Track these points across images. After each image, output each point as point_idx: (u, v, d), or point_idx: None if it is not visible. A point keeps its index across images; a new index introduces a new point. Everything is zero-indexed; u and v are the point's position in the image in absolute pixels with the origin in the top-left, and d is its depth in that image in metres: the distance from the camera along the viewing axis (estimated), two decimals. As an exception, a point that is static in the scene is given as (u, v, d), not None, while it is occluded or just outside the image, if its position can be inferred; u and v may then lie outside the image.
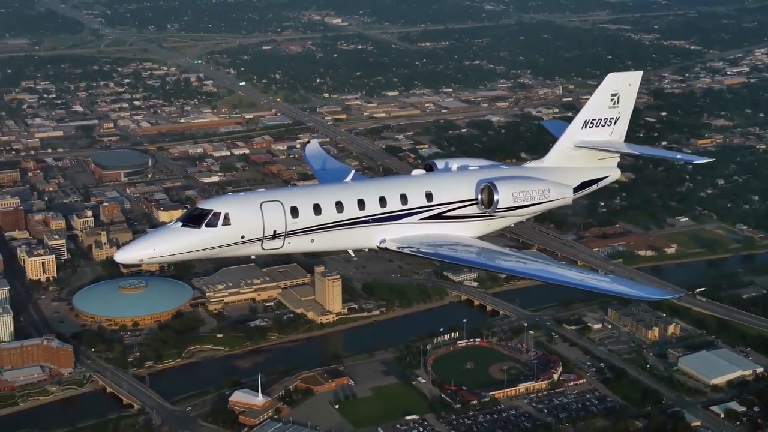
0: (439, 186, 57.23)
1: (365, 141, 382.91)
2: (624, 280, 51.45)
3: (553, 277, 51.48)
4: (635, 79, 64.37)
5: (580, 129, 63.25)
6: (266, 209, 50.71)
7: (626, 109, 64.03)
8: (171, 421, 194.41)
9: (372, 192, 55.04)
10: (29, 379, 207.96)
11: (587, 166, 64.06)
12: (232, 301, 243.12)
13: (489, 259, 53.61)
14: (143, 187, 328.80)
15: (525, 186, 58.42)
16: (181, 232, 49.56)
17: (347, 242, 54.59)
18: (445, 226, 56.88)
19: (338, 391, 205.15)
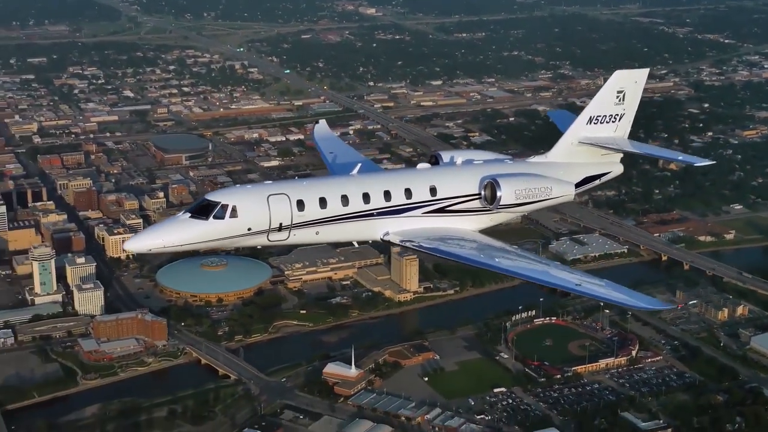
0: (444, 181, 57.40)
1: (416, 128, 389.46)
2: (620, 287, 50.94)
3: (550, 280, 51.40)
4: (641, 76, 64.39)
5: (585, 125, 63.09)
6: (273, 202, 51.12)
7: (631, 106, 64.07)
8: (268, 391, 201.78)
9: (377, 186, 55.37)
10: (126, 350, 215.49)
11: (590, 162, 64.04)
12: (310, 279, 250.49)
13: (488, 258, 53.44)
14: (205, 171, 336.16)
15: (528, 183, 58.68)
16: (190, 223, 49.96)
17: (351, 235, 55.27)
18: (449, 220, 57.18)
19: (425, 365, 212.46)
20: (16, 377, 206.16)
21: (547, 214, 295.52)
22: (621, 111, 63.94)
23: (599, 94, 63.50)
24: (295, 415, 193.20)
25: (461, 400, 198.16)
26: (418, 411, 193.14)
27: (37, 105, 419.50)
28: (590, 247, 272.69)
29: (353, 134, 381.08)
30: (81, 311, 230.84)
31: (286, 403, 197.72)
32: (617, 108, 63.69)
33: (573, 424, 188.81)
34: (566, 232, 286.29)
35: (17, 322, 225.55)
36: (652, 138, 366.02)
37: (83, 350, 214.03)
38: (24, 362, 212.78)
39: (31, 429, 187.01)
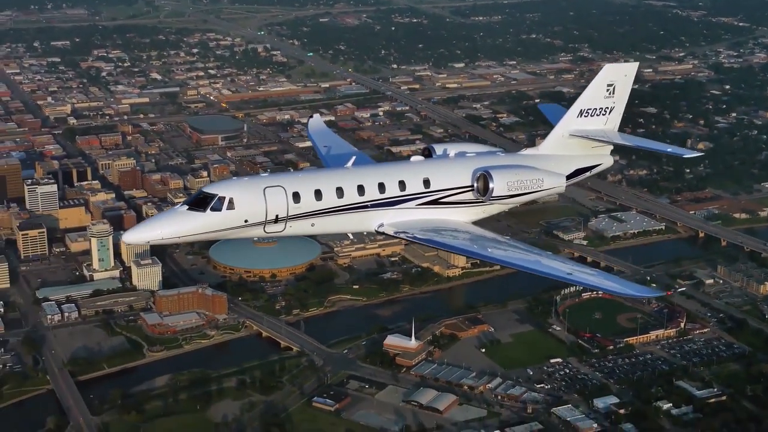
0: (437, 173, 57.91)
1: (444, 110, 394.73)
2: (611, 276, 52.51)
3: (542, 269, 52.00)
4: (631, 70, 64.33)
5: (576, 118, 63.27)
6: (269, 194, 51.61)
7: (621, 99, 64.20)
8: (331, 363, 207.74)
9: (371, 178, 55.81)
10: (188, 324, 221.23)
11: (581, 154, 64.27)
12: (359, 255, 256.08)
13: (481, 248, 53.95)
14: (242, 151, 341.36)
15: (520, 175, 59.04)
16: (187, 215, 50.44)
17: (346, 226, 55.65)
18: (442, 212, 57.75)
19: (480, 337, 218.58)
20: (84, 350, 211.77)
21: (583, 192, 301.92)
22: (611, 104, 63.82)
23: (590, 88, 63.38)
24: (361, 384, 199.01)
25: (519, 371, 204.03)
26: (479, 380, 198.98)
27: (66, 87, 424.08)
28: (629, 224, 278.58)
29: (383, 115, 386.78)
30: (139, 287, 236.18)
31: (350, 373, 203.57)
32: (607, 101, 63.54)
33: (631, 392, 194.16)
34: (603, 210, 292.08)
35: (79, 297, 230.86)
36: (677, 119, 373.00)
37: (147, 324, 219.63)
38: (90, 335, 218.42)
39: (106, 398, 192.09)
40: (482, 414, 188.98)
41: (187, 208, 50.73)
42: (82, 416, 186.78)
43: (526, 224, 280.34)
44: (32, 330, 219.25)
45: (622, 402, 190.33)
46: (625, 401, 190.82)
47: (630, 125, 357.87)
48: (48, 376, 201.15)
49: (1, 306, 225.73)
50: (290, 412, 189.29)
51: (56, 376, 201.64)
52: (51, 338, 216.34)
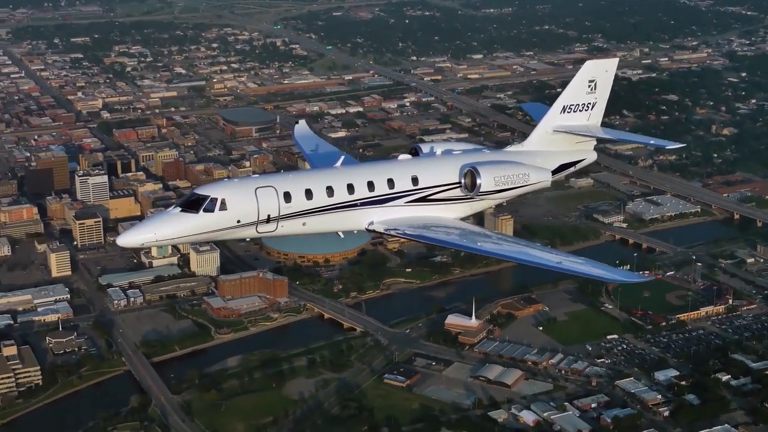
0: (425, 170, 58.61)
1: (470, 100, 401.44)
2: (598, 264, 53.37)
3: (532, 260, 52.99)
4: (612, 66, 65.79)
5: (559, 114, 64.28)
6: (261, 194, 52.29)
7: (603, 94, 65.11)
8: (396, 341, 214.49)
9: (361, 177, 56.47)
10: (251, 307, 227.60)
11: (565, 150, 65.21)
12: (408, 241, 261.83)
13: (471, 242, 55.04)
14: (276, 142, 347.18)
15: (506, 170, 59.86)
16: (180, 217, 50.97)
17: (337, 225, 56.17)
18: (430, 209, 58.43)
19: (536, 315, 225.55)
20: (154, 333, 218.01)
21: (617, 177, 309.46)
22: (593, 100, 64.67)
23: (571, 84, 64.28)
24: (427, 362, 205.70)
25: (578, 347, 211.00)
26: (541, 356, 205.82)
27: (94, 83, 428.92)
28: (665, 207, 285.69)
29: (410, 106, 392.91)
30: (198, 272, 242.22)
31: (415, 351, 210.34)
32: (589, 97, 64.43)
33: (690, 365, 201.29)
34: (638, 194, 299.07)
35: (141, 283, 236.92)
36: (699, 106, 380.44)
37: (212, 307, 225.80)
38: (157, 319, 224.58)
39: (184, 378, 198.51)
40: (549, 388, 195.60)
41: (180, 210, 51.17)
42: (162, 395, 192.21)
43: (564, 209, 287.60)
44: (100, 315, 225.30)
45: (681, 375, 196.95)
46: (685, 374, 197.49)
47: (654, 112, 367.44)
48: (123, 358, 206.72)
49: (67, 292, 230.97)
50: (363, 389, 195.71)
51: (131, 357, 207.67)
52: (119, 322, 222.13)
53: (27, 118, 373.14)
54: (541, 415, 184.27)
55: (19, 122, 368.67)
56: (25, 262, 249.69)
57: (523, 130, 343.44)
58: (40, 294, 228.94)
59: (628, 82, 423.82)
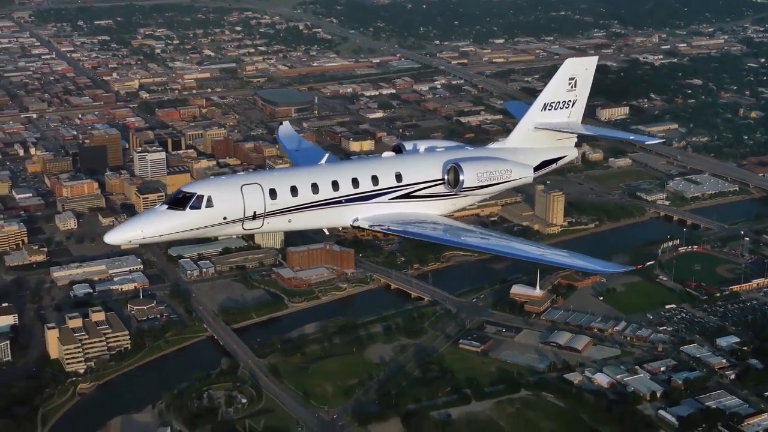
0: (408, 167, 59.07)
1: (499, 83, 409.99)
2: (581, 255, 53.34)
3: (515, 252, 53.80)
4: (591, 63, 66.36)
5: (540, 111, 64.73)
6: (246, 192, 52.60)
7: (583, 91, 65.60)
8: (464, 310, 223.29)
9: (345, 174, 56.76)
10: (320, 277, 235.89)
11: (547, 147, 65.64)
12: (460, 216, 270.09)
13: (454, 236, 55.77)
14: (316, 122, 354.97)
15: (489, 167, 60.16)
16: (167, 214, 51.18)
17: (322, 221, 56.46)
18: (414, 205, 58.80)
19: (595, 286, 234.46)
20: (230, 301, 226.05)
21: (654, 158, 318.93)
22: (573, 97, 65.18)
23: (552, 82, 64.75)
24: (498, 328, 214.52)
25: (639, 315, 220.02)
26: (606, 324, 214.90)
27: (126, 64, 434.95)
28: (704, 186, 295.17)
29: (441, 88, 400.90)
30: (263, 245, 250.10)
31: (484, 319, 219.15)
32: (570, 94, 64.96)
33: (749, 332, 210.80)
34: (677, 173, 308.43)
35: (210, 255, 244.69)
36: (723, 90, 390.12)
37: (283, 278, 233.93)
38: (230, 289, 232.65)
39: (267, 343, 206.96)
40: (617, 353, 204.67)
41: (167, 208, 51.41)
42: (249, 359, 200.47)
43: (606, 187, 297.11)
44: (174, 284, 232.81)
45: (743, 341, 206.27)
46: (745, 340, 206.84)
47: (680, 96, 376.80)
48: (205, 325, 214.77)
49: (140, 263, 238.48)
50: (441, 353, 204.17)
51: (211, 324, 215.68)
52: (194, 291, 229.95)
53: (67, 98, 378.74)
54: (614, 377, 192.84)
55: (60, 102, 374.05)
56: (91, 235, 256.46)
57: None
58: (114, 265, 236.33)
59: (651, 67, 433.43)
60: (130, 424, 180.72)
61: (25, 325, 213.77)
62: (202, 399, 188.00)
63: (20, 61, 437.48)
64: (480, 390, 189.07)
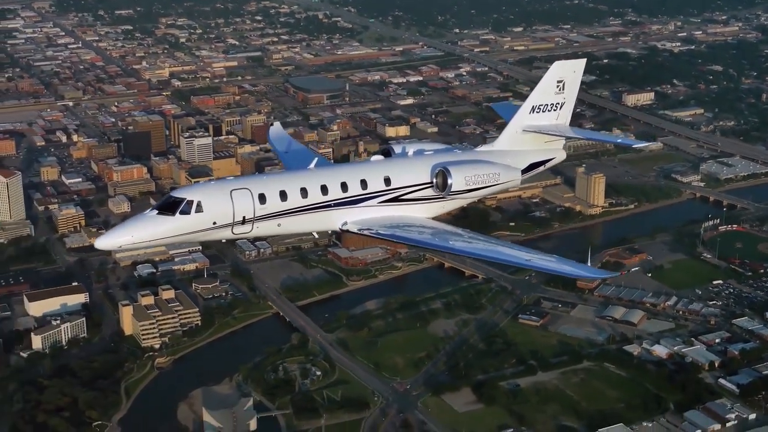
0: (397, 171, 58.96)
1: (523, 70, 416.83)
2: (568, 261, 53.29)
3: (503, 258, 54.20)
4: (579, 66, 65.43)
5: (528, 114, 64.61)
6: (236, 197, 52.56)
7: (571, 94, 65.29)
8: (518, 286, 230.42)
9: (334, 178, 56.59)
10: (375, 257, 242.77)
11: (535, 149, 65.51)
12: (503, 197, 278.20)
13: (442, 240, 55.62)
14: (348, 108, 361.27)
15: (477, 170, 60.12)
16: (157, 219, 51.26)
17: (311, 225, 56.41)
18: (403, 208, 58.63)
19: (641, 264, 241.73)
20: (290, 280, 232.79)
21: (684, 141, 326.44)
22: (561, 100, 65.00)
23: (540, 85, 64.52)
24: (553, 304, 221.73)
25: (688, 291, 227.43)
26: (658, 299, 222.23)
27: (153, 53, 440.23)
28: (737, 168, 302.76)
29: (467, 75, 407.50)
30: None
31: (540, 295, 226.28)
32: (558, 97, 64.75)
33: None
34: (708, 156, 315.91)
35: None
36: (744, 76, 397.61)
37: (340, 257, 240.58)
38: (290, 268, 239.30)
39: (332, 319, 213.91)
40: (671, 326, 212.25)
41: (157, 213, 51.59)
42: (318, 334, 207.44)
43: (641, 170, 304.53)
44: (233, 264, 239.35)
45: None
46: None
47: (702, 82, 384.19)
48: (269, 302, 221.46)
49: (198, 244, 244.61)
50: (501, 327, 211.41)
51: (275, 301, 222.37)
52: (254, 271, 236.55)
53: (100, 86, 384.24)
54: (672, 348, 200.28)
55: (94, 90, 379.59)
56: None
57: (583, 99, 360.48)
58: (172, 245, 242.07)
59: (670, 54, 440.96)
60: (211, 395, 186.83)
61: (95, 303, 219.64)
62: (277, 371, 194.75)
63: (47, 51, 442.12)
64: (545, 361, 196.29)
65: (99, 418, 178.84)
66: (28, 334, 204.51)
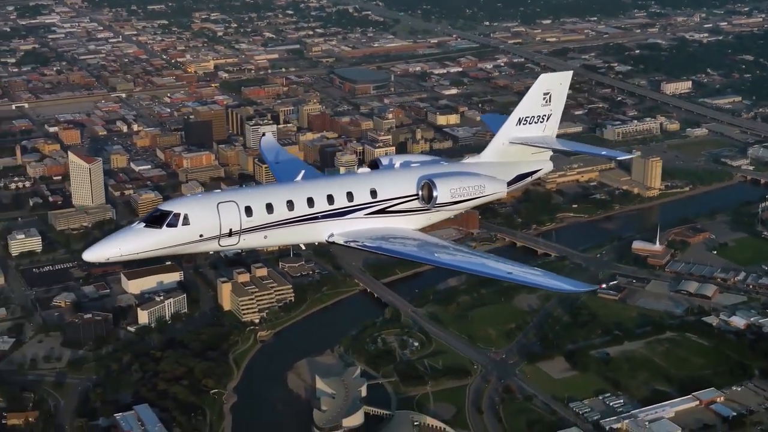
0: (383, 183, 59.11)
1: (559, 60, 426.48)
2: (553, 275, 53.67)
3: (489, 272, 54.07)
4: (566, 78, 65.79)
5: (515, 126, 64.72)
6: (222, 209, 52.86)
7: (558, 106, 65.32)
8: (590, 264, 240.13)
9: (320, 190, 56.79)
10: (449, 237, 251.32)
11: (522, 161, 65.71)
12: (562, 181, 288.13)
13: (428, 253, 55.90)
14: (396, 98, 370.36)
15: (462, 182, 60.25)
16: (144, 232, 51.46)
17: (298, 237, 56.63)
18: (389, 220, 58.90)
19: (705, 242, 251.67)
20: (371, 258, 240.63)
21: (729, 128, 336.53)
22: (548, 111, 65.05)
23: (527, 97, 64.71)
24: (628, 279, 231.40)
25: (755, 267, 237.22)
26: (727, 274, 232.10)
27: (193, 47, 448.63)
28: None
29: (505, 66, 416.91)
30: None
31: (612, 272, 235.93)
32: (544, 109, 64.88)
33: None
34: (752, 141, 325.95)
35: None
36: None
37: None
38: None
39: (420, 294, 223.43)
40: (743, 299, 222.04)
41: (144, 226, 51.73)
42: (408, 308, 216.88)
43: (690, 155, 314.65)
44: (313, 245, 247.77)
45: None
46: None
47: (735, 71, 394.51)
48: (356, 279, 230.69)
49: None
50: (582, 301, 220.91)
51: (362, 279, 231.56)
52: (333, 250, 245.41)
53: (149, 78, 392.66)
54: (748, 319, 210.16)
55: (143, 82, 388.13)
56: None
57: (622, 88, 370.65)
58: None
59: (699, 45, 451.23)
60: (316, 365, 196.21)
61: (188, 281, 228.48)
62: (376, 343, 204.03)
63: (89, 45, 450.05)
64: (629, 332, 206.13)
65: (215, 386, 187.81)
66: (132, 310, 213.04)
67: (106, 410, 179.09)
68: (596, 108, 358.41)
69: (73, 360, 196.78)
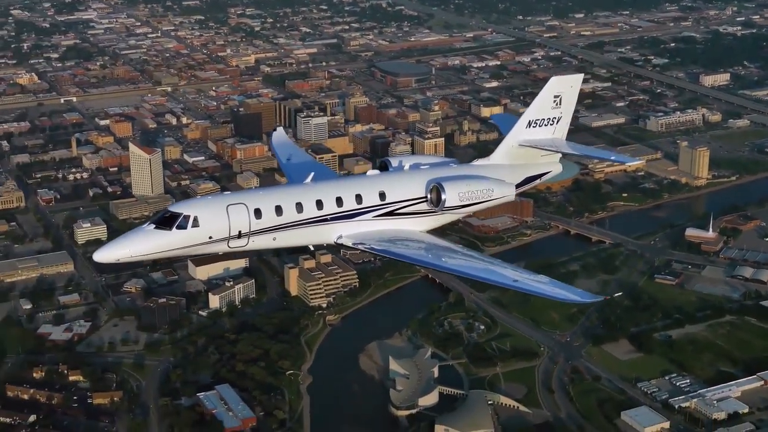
0: (392, 186, 59.32)
1: (595, 53, 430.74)
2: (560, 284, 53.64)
3: (494, 279, 53.79)
4: (576, 81, 66.28)
5: (525, 128, 65.10)
6: (232, 211, 53.12)
7: (568, 109, 65.63)
8: (645, 251, 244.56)
9: (330, 193, 56.94)
10: (505, 225, 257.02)
11: (531, 163, 66.05)
12: (610, 171, 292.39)
13: (435, 258, 55.71)
14: (438, 91, 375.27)
15: (471, 186, 60.50)
16: (154, 233, 51.94)
17: (307, 239, 56.71)
18: (398, 223, 59.07)
19: (757, 229, 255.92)
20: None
21: (762, 117, 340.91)
22: (558, 114, 65.49)
23: (537, 99, 65.21)
24: (684, 266, 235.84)
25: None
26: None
27: (232, 41, 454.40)
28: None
29: (542, 59, 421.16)
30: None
31: (667, 258, 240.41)
32: (555, 111, 65.27)
33: None
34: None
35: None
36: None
37: (472, 225, 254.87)
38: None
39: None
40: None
41: (154, 227, 52.22)
42: (471, 293, 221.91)
43: (734, 145, 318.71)
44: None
45: None
46: None
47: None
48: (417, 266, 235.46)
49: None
50: (641, 286, 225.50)
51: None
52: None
53: (192, 72, 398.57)
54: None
55: (187, 76, 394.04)
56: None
57: (660, 80, 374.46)
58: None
59: (734, 37, 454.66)
60: (387, 347, 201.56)
61: (252, 267, 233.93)
62: (443, 326, 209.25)
63: (129, 40, 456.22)
64: (690, 315, 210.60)
65: (290, 367, 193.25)
66: (201, 295, 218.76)
67: (188, 390, 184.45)
68: (637, 100, 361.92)
69: (150, 343, 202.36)
